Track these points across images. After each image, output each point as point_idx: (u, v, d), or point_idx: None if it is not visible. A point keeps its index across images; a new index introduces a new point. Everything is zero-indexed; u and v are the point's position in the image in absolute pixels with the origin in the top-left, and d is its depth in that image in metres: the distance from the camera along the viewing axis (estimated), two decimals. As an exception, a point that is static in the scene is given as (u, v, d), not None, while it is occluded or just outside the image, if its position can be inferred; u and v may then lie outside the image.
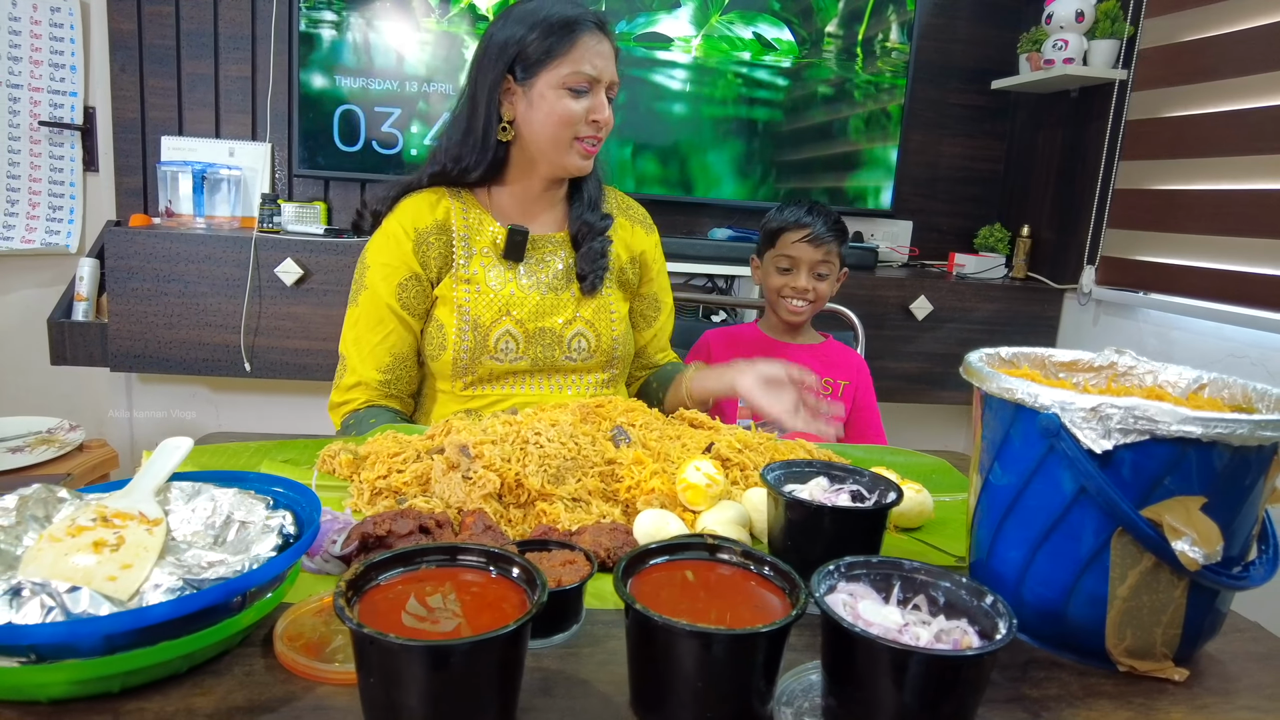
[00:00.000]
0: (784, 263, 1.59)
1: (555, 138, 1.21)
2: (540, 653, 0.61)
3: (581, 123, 1.20)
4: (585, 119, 1.20)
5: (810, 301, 1.60)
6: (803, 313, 1.61)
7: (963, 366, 0.73)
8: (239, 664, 0.58)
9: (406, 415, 1.31)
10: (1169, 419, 0.57)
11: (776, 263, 1.60)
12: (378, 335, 1.24)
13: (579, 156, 1.23)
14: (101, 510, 0.63)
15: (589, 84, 1.19)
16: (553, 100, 1.19)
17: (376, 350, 1.24)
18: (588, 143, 1.22)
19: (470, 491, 0.79)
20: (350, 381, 1.25)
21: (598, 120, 1.21)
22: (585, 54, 1.18)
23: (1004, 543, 0.69)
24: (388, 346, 1.25)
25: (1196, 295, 2.10)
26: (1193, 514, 0.58)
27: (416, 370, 1.29)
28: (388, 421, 1.21)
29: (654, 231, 1.43)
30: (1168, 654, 0.64)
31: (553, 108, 1.19)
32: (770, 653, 0.51)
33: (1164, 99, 2.26)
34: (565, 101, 1.19)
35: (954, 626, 0.55)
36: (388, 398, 1.26)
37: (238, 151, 2.44)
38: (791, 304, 1.60)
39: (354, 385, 1.24)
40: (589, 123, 1.21)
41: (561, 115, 1.19)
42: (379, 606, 0.52)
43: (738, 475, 0.91)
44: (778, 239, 1.60)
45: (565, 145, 1.21)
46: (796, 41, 2.51)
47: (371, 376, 1.24)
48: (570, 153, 1.22)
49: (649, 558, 0.57)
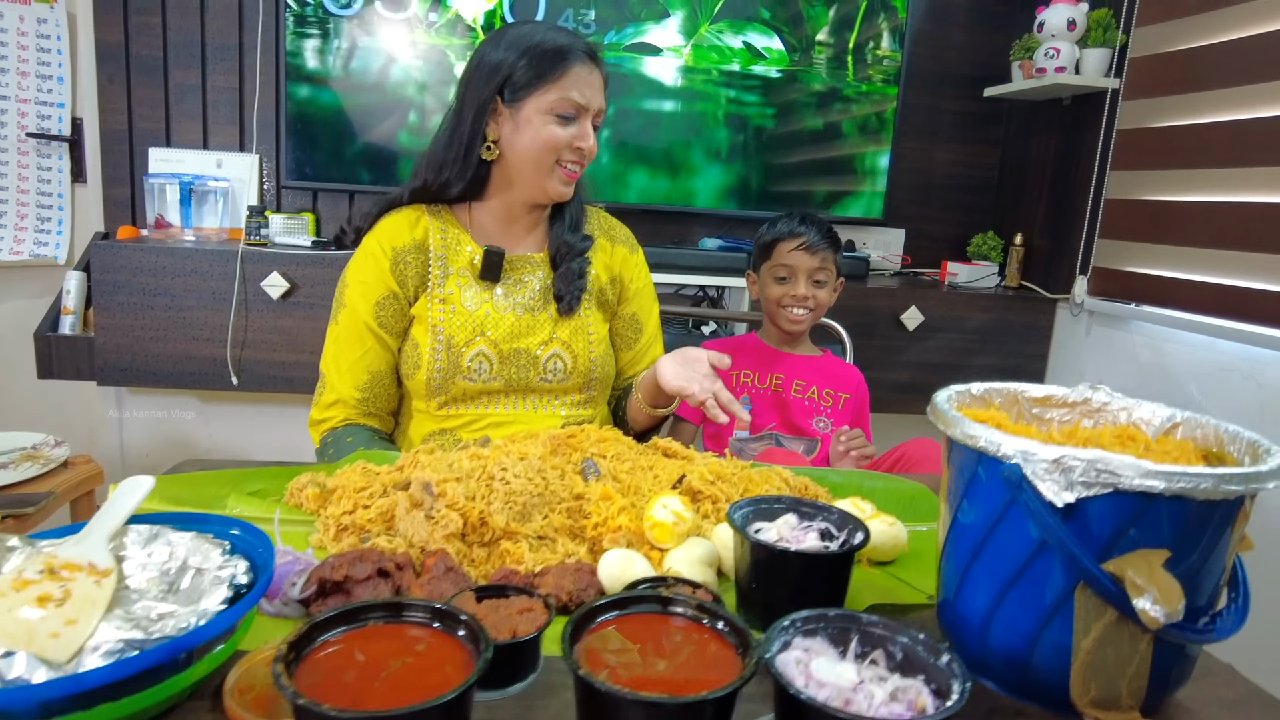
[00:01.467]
0: (781, 272, 1.59)
1: (538, 162, 1.21)
2: (494, 704, 0.60)
3: (565, 149, 1.21)
4: (569, 145, 1.21)
5: (810, 309, 1.59)
6: (803, 321, 1.60)
7: (930, 407, 0.72)
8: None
9: (386, 433, 1.31)
10: (1131, 472, 0.56)
11: (774, 273, 1.60)
12: (356, 353, 1.25)
13: (560, 182, 1.24)
14: (50, 562, 0.62)
15: (576, 111, 1.20)
16: (539, 125, 1.20)
17: (355, 368, 1.25)
18: (569, 168, 1.23)
19: (433, 531, 0.78)
20: (329, 399, 1.25)
21: (581, 148, 1.22)
22: (575, 83, 1.19)
23: (970, 586, 0.68)
24: (365, 364, 1.25)
25: (1188, 308, 2.09)
26: (1155, 570, 0.57)
27: (395, 389, 1.29)
28: (365, 441, 1.21)
29: (637, 251, 1.42)
30: (1134, 705, 0.63)
31: (538, 132, 1.20)
32: (718, 716, 0.50)
33: (1154, 109, 2.24)
34: (551, 128, 1.20)
35: (909, 685, 0.54)
36: (366, 415, 1.27)
37: (225, 163, 2.43)
38: (792, 313, 1.59)
39: (333, 403, 1.25)
40: (573, 149, 1.22)
41: (546, 140, 1.20)
42: (321, 667, 0.51)
43: (709, 509, 0.90)
44: (773, 250, 1.60)
45: (547, 170, 1.22)
46: (786, 50, 2.50)
47: (350, 394, 1.24)
48: (551, 178, 1.23)
49: (599, 613, 0.56)
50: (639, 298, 1.41)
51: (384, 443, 1.26)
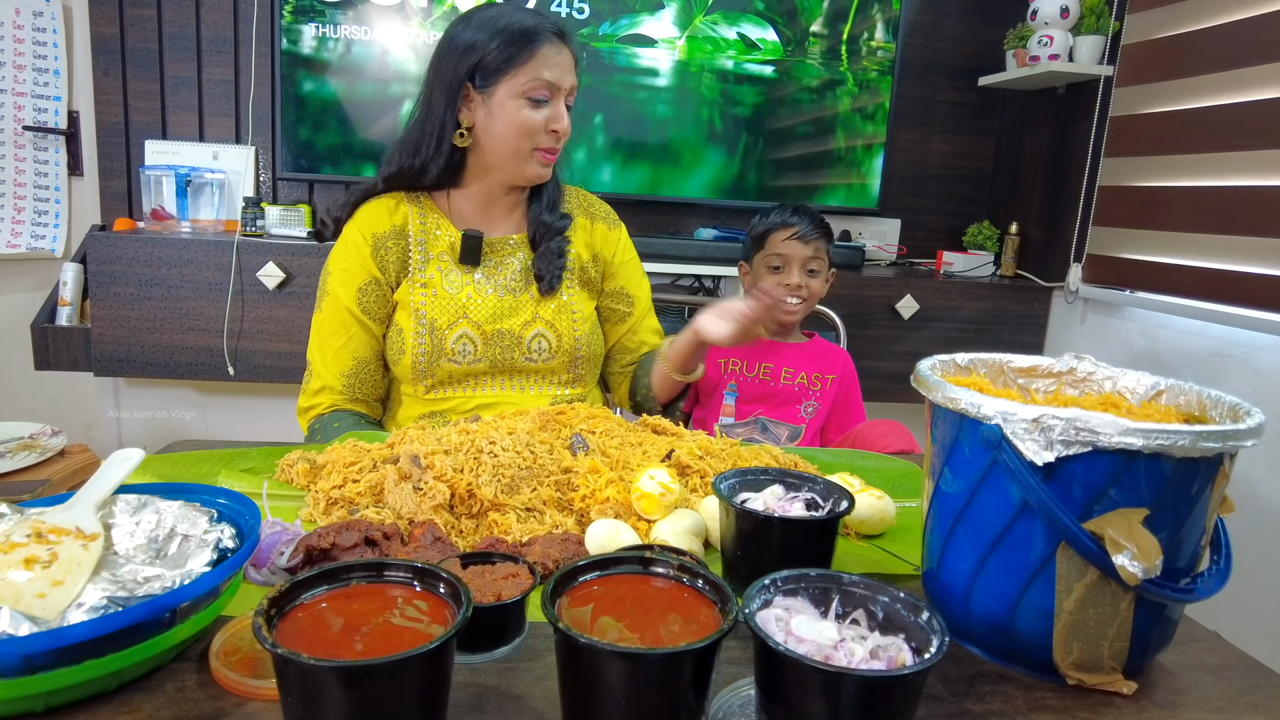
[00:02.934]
0: (775, 261, 1.59)
1: (515, 149, 1.21)
2: (477, 667, 0.61)
3: (541, 132, 1.21)
4: (545, 128, 1.20)
5: (803, 300, 1.60)
6: (796, 312, 1.61)
7: (914, 375, 0.72)
8: (171, 680, 0.58)
9: (374, 419, 1.31)
10: (1110, 430, 0.56)
11: (767, 262, 1.60)
12: (340, 340, 1.25)
13: (538, 165, 1.24)
14: (38, 526, 0.63)
15: (549, 92, 1.20)
16: (512, 110, 1.19)
17: (339, 354, 1.25)
18: (547, 151, 1.23)
19: (421, 502, 0.78)
20: (316, 386, 1.26)
21: (556, 130, 1.21)
22: (544, 63, 1.18)
23: (953, 553, 0.68)
24: (350, 351, 1.25)
25: (1181, 293, 2.09)
26: (1134, 527, 0.57)
27: (380, 374, 1.30)
28: (351, 425, 1.21)
29: (618, 227, 1.41)
30: (1116, 667, 0.63)
31: (513, 118, 1.19)
32: (698, 670, 0.50)
33: (1147, 95, 2.24)
34: (525, 112, 1.19)
35: (890, 643, 0.54)
36: (353, 401, 1.27)
37: (221, 155, 2.44)
38: (787, 304, 1.60)
39: (319, 389, 1.26)
40: (548, 132, 1.21)
41: (521, 125, 1.19)
42: (302, 624, 0.52)
43: (697, 483, 0.90)
44: (766, 240, 1.61)
45: (525, 155, 1.22)
46: (781, 41, 2.50)
47: (335, 381, 1.25)
48: (530, 162, 1.23)
49: (581, 573, 0.57)
50: (624, 271, 1.40)
51: (372, 426, 1.26)
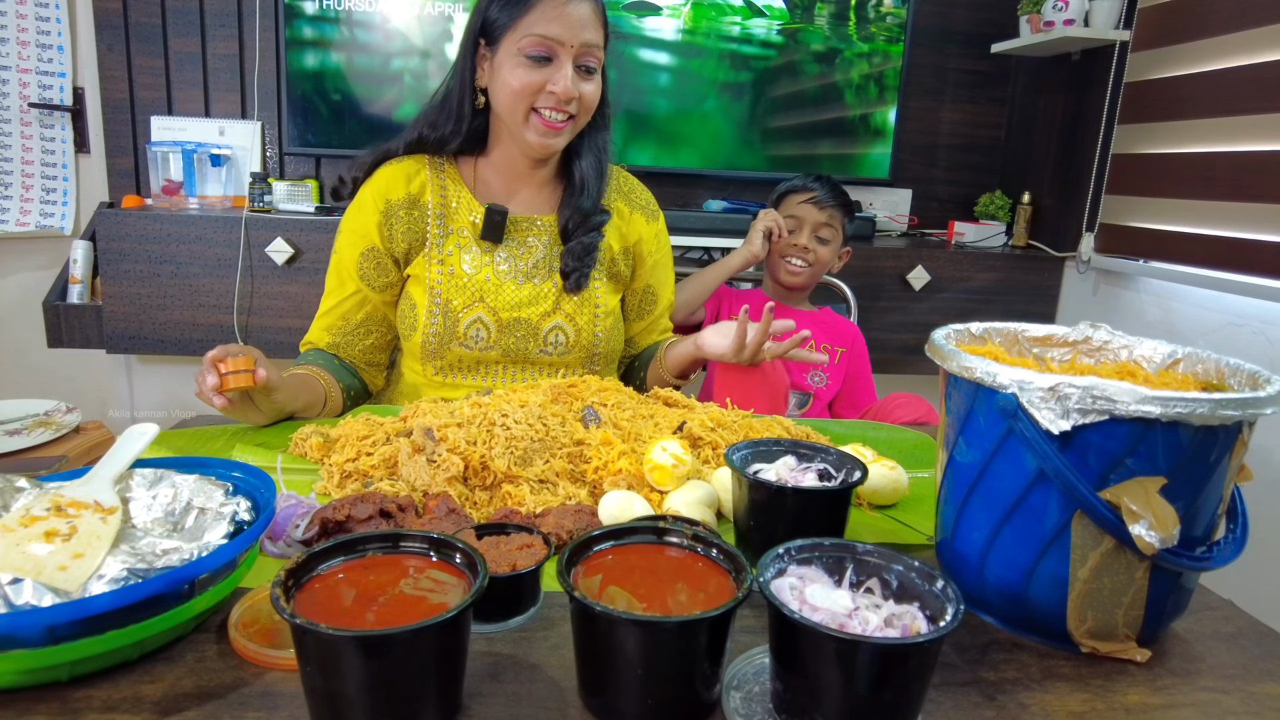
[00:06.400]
0: (789, 224, 1.60)
1: (511, 109, 1.13)
2: (494, 637, 0.61)
3: (538, 94, 1.11)
4: (543, 89, 1.11)
5: (809, 265, 1.60)
6: (800, 274, 1.61)
7: (928, 344, 0.71)
8: (192, 650, 0.59)
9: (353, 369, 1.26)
10: (1128, 398, 0.56)
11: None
12: (335, 299, 1.25)
13: (537, 133, 1.14)
14: (57, 500, 0.63)
15: (548, 50, 1.10)
16: (510, 69, 1.11)
17: (331, 313, 1.25)
18: (548, 116, 1.12)
19: (435, 475, 0.79)
20: (307, 339, 1.27)
21: (554, 91, 1.10)
22: (542, 17, 1.08)
23: (967, 523, 0.68)
24: (341, 311, 1.25)
25: (1195, 263, 2.06)
26: (1151, 496, 0.57)
27: (368, 341, 1.26)
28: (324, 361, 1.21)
29: (657, 219, 1.34)
30: (1130, 635, 0.63)
31: (509, 77, 1.11)
32: (712, 638, 0.51)
33: (1163, 59, 2.19)
34: (520, 70, 1.10)
35: (904, 611, 0.54)
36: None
37: (228, 130, 2.42)
38: (791, 263, 1.60)
39: (308, 343, 1.27)
40: (546, 94, 1.11)
41: (516, 85, 1.10)
42: (319, 595, 0.52)
43: (709, 454, 0.90)
44: (783, 201, 1.66)
45: (521, 118, 1.13)
46: (787, 7, 2.46)
47: (321, 338, 1.25)
48: (527, 127, 1.14)
49: (595, 543, 0.57)
50: (656, 271, 1.34)
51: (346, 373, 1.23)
